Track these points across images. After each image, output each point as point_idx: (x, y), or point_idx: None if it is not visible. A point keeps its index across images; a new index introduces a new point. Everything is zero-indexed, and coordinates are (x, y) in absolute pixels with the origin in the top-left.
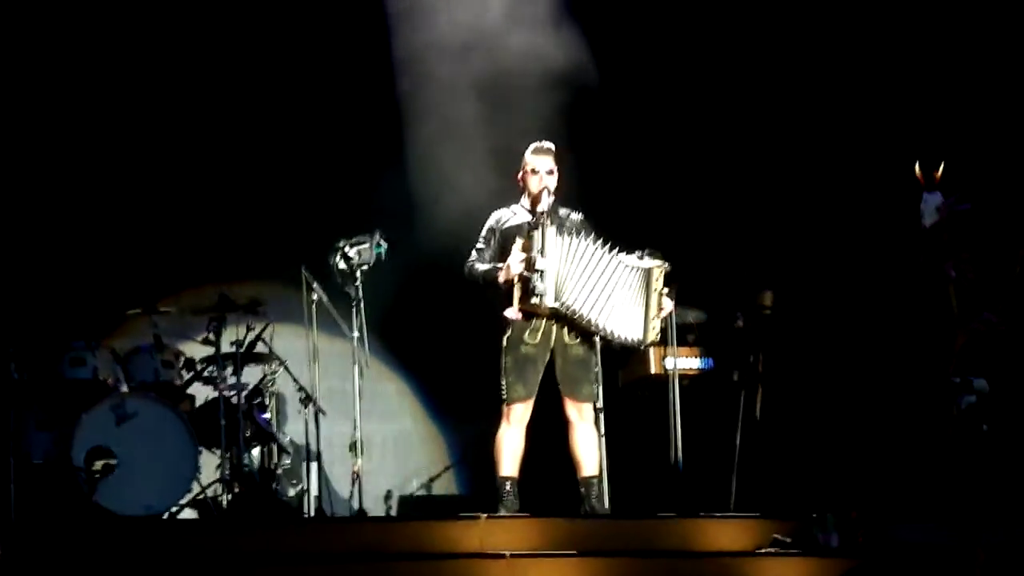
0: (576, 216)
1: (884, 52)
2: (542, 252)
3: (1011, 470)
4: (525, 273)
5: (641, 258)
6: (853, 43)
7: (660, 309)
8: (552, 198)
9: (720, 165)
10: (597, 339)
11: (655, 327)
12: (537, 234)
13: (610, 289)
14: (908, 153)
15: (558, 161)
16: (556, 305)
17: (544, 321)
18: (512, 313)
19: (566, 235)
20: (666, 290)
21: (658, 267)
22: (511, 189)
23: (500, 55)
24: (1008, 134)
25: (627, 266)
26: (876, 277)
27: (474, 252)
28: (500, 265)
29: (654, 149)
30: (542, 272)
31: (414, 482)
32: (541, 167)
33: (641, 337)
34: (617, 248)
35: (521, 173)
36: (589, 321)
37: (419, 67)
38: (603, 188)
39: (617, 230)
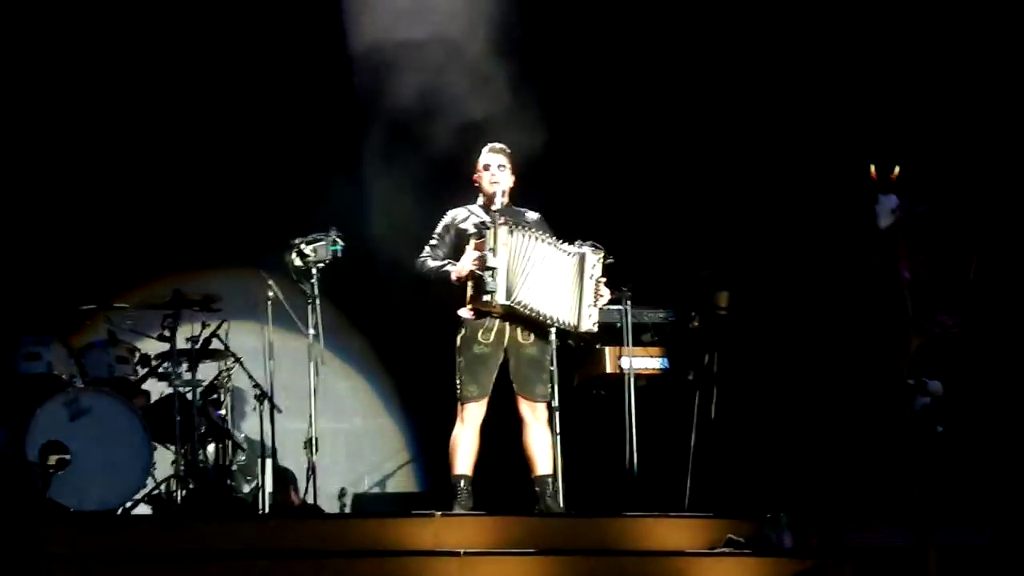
0: (532, 215)
1: (839, 52)
2: (494, 251)
3: (965, 472)
4: (477, 272)
5: (580, 247)
6: (808, 44)
7: (597, 297)
8: (506, 197)
9: (677, 166)
10: (553, 339)
11: (591, 315)
12: (489, 233)
13: (549, 276)
14: (863, 154)
15: (512, 161)
16: (507, 302)
17: (497, 320)
18: (465, 312)
19: (517, 233)
20: (603, 279)
21: (592, 253)
22: (467, 187)
23: (458, 49)
24: (964, 136)
25: (564, 252)
26: (831, 278)
27: (427, 248)
28: (452, 263)
29: (614, 150)
30: (493, 270)
31: (365, 480)
32: (492, 162)
33: (575, 322)
34: (559, 239)
35: (476, 172)
36: (537, 312)
37: (376, 62)
38: (561, 189)
39: (573, 230)
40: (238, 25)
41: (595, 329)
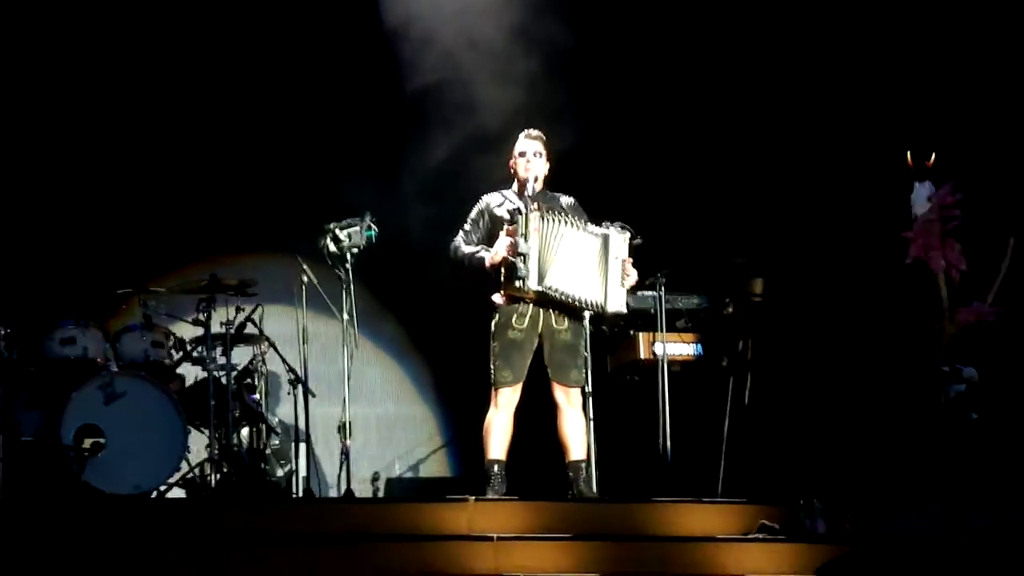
0: (567, 200)
1: (876, 41)
2: (525, 237)
3: (999, 458)
4: (510, 258)
5: (607, 227)
6: (845, 31)
7: (624, 277)
8: (540, 183)
9: (713, 153)
10: (586, 324)
11: (618, 296)
12: (521, 219)
13: (576, 258)
14: (899, 142)
15: (548, 147)
16: (540, 288)
17: (531, 306)
18: (498, 298)
19: (549, 219)
20: (630, 260)
21: (617, 233)
22: (503, 175)
23: (491, 43)
24: (999, 123)
25: (590, 233)
26: (866, 265)
27: (460, 233)
28: (486, 249)
29: (650, 137)
30: (525, 256)
31: (397, 465)
32: (528, 150)
33: (601, 301)
34: (586, 221)
35: (512, 159)
36: (566, 295)
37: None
38: (596, 175)
39: (608, 216)
40: (275, 12)
41: (623, 310)
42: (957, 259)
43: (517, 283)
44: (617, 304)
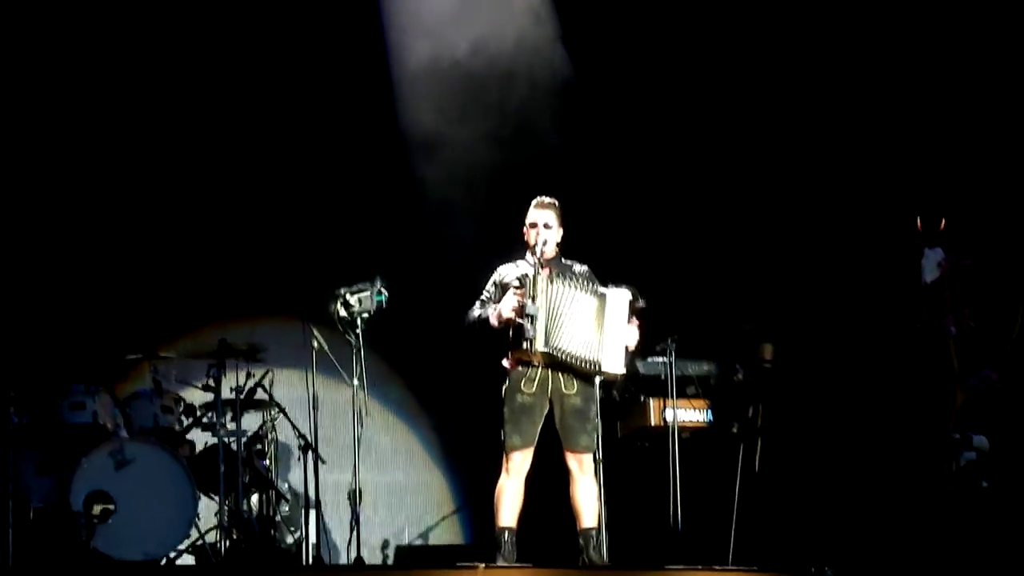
0: (581, 268)
1: (883, 102)
2: (533, 299)
3: (1011, 527)
4: (517, 320)
5: (609, 287)
6: (854, 94)
7: (622, 337)
8: (552, 250)
9: (723, 219)
10: (596, 388)
11: (615, 355)
12: (529, 282)
13: (577, 317)
14: (910, 208)
15: (560, 215)
16: (546, 349)
17: (540, 370)
18: (507, 363)
19: (558, 282)
20: (635, 321)
21: (617, 293)
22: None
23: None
24: (1009, 191)
25: (591, 293)
26: (877, 332)
27: (477, 303)
28: (495, 307)
29: (660, 202)
30: (532, 317)
31: (407, 532)
32: (540, 220)
33: (596, 358)
34: (597, 286)
35: (524, 228)
36: (570, 355)
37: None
38: (605, 239)
39: (618, 281)
40: (282, 72)
41: (620, 371)
42: (967, 325)
43: (524, 344)
44: (613, 364)
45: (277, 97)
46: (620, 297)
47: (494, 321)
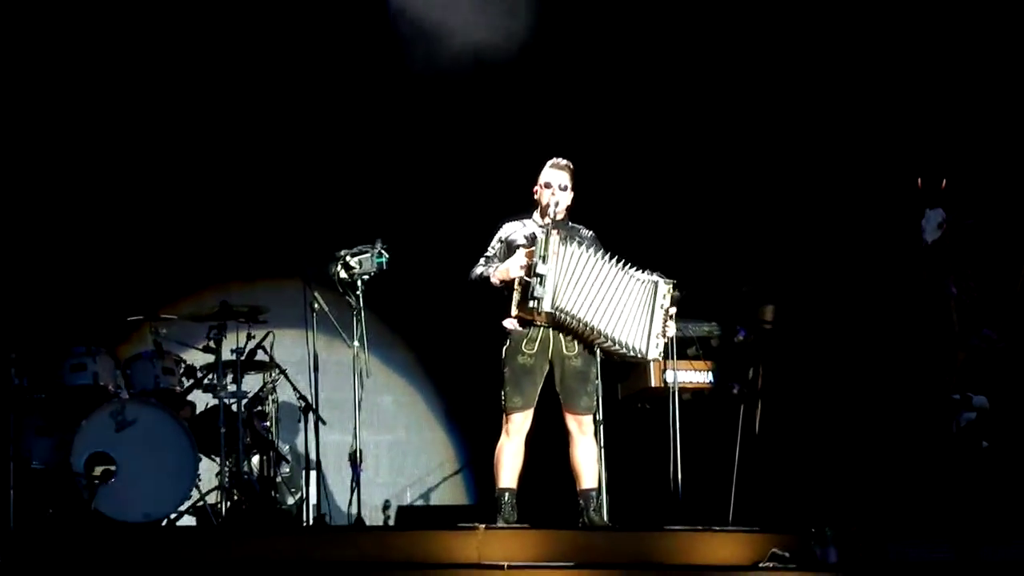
0: (586, 232)
1: (887, 65)
2: (543, 258)
3: (1010, 486)
4: (525, 278)
5: (651, 275)
6: (856, 57)
7: (665, 327)
8: (562, 212)
9: (723, 180)
10: (597, 351)
11: (659, 344)
12: (540, 240)
13: (617, 298)
14: (911, 168)
15: (573, 178)
16: (552, 310)
17: (541, 330)
18: (509, 322)
19: (570, 244)
20: (673, 311)
21: (665, 283)
22: (521, 199)
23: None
24: (1010, 148)
25: (635, 278)
26: (878, 292)
27: (481, 259)
28: (498, 265)
29: (658, 163)
30: (542, 277)
31: (408, 492)
32: (555, 181)
33: (643, 348)
34: (626, 262)
35: (537, 186)
36: (589, 327)
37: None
38: (606, 202)
39: (621, 245)
40: (288, 39)
41: (660, 357)
42: (969, 285)
43: (531, 303)
44: (656, 352)
45: (277, 59)
46: (667, 288)
47: (495, 279)
